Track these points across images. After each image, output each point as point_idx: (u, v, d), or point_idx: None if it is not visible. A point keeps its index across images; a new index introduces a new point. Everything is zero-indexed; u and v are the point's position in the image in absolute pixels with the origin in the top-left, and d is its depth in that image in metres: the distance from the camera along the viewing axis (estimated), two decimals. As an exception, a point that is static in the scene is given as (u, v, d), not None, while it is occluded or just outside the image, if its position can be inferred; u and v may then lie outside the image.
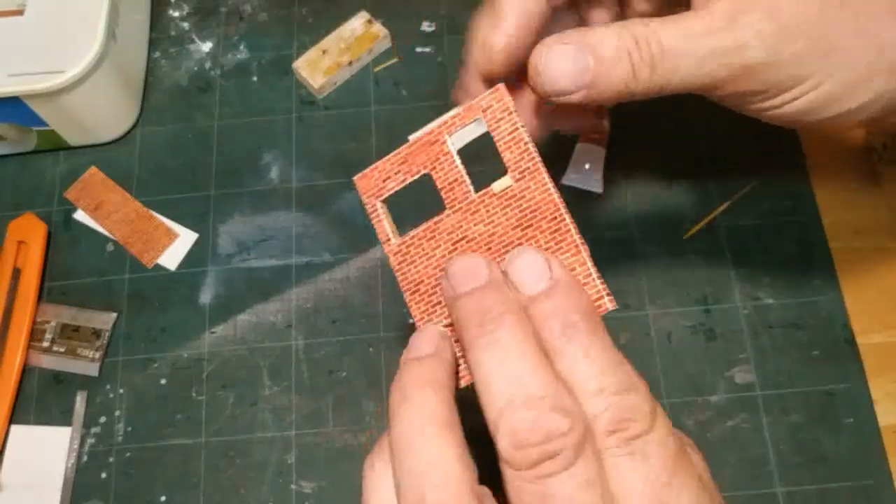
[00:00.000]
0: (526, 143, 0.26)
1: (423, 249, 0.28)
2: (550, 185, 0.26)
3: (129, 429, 0.43)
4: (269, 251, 0.46)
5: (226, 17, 0.53)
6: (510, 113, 0.27)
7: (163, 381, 0.43)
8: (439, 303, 0.27)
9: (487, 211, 0.27)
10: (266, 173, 0.48)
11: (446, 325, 0.27)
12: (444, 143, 0.27)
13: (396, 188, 0.28)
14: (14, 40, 0.44)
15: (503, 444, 0.22)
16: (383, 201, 0.29)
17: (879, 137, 0.46)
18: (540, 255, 0.25)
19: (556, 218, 0.26)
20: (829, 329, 0.43)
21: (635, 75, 0.27)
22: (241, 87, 0.51)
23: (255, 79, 0.51)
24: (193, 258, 0.46)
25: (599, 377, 0.23)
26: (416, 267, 0.28)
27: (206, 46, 0.52)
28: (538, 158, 0.26)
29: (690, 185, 0.46)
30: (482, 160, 0.29)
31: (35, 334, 0.44)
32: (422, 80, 0.50)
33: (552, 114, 0.34)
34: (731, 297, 0.44)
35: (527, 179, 0.26)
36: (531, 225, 0.26)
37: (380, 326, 0.44)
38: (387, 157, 0.28)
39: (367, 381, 0.43)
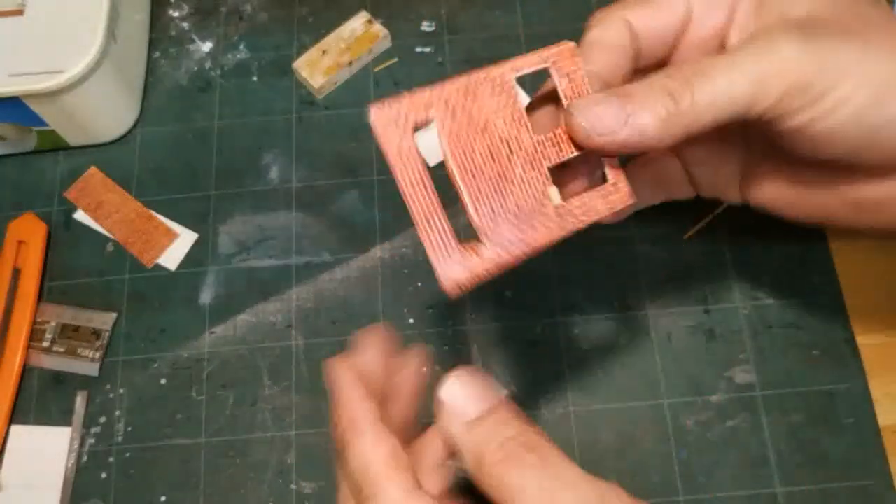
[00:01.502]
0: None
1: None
2: None
3: (129, 429, 0.43)
4: (269, 251, 0.46)
5: (226, 17, 0.53)
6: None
7: (163, 381, 0.43)
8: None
9: (552, 145, 0.28)
10: (266, 173, 0.48)
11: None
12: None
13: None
14: (14, 40, 0.44)
15: None
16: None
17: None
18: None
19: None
20: (829, 329, 0.43)
21: (676, 99, 0.27)
22: (241, 87, 0.51)
23: (255, 79, 0.51)
24: (193, 258, 0.46)
25: None
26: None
27: (206, 46, 0.52)
28: None
29: (690, 185, 0.46)
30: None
31: (35, 334, 0.44)
32: (422, 80, 0.50)
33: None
34: (731, 297, 0.44)
35: None
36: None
37: (380, 326, 0.44)
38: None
39: (367, 381, 0.43)
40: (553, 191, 0.28)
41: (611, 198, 0.29)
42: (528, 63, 0.28)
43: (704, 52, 0.32)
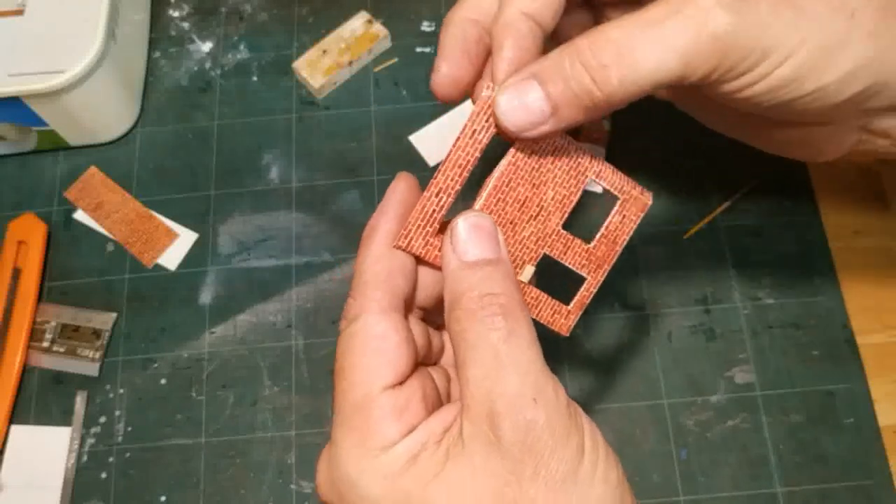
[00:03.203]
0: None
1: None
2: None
3: (129, 429, 0.43)
4: (269, 251, 0.46)
5: (226, 17, 0.53)
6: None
7: (163, 381, 0.43)
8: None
9: (563, 244, 0.30)
10: (266, 173, 0.48)
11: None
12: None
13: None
14: (14, 40, 0.44)
15: None
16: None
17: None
18: None
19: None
20: (829, 329, 0.43)
21: (599, 84, 0.26)
22: (241, 87, 0.51)
23: (255, 79, 0.51)
24: (193, 258, 0.46)
25: None
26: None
27: (206, 46, 0.52)
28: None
29: (690, 185, 0.46)
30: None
31: (35, 334, 0.44)
32: (422, 80, 0.50)
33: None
34: (731, 297, 0.44)
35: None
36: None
37: (380, 326, 0.44)
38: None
39: (367, 381, 0.43)
40: (529, 269, 0.29)
41: (556, 317, 0.30)
42: (608, 181, 0.30)
43: None
